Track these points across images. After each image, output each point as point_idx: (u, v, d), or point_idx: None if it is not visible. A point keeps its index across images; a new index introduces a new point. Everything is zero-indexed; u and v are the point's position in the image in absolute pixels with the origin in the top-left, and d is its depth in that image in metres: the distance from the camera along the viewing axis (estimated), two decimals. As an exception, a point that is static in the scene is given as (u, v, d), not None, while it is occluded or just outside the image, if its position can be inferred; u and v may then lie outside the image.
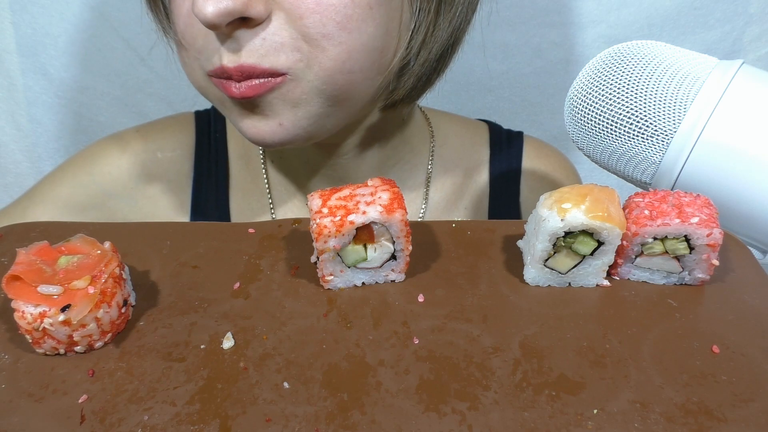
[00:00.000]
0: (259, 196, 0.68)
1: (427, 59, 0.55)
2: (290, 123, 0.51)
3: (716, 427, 0.33)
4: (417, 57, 0.54)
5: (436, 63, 0.56)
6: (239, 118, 0.52)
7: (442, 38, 0.54)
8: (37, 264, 0.37)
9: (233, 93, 0.49)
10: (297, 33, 0.47)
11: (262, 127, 0.52)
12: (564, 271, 0.41)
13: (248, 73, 0.48)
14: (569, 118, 0.53)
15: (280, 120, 0.51)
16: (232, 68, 0.47)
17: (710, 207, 0.41)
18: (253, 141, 0.53)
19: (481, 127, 0.74)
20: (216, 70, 0.49)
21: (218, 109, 0.56)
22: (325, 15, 0.47)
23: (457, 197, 0.70)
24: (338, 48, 0.48)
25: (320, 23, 0.47)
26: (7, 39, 0.86)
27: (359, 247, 0.40)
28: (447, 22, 0.54)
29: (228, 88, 0.49)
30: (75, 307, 0.35)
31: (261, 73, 0.48)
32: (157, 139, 0.68)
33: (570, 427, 0.33)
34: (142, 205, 0.67)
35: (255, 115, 0.51)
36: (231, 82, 0.49)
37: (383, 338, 0.38)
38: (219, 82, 0.50)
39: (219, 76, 0.49)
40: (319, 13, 0.46)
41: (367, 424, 0.33)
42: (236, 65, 0.47)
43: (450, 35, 0.55)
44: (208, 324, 0.39)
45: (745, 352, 0.38)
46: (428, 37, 0.54)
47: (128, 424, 0.33)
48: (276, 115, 0.51)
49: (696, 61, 0.49)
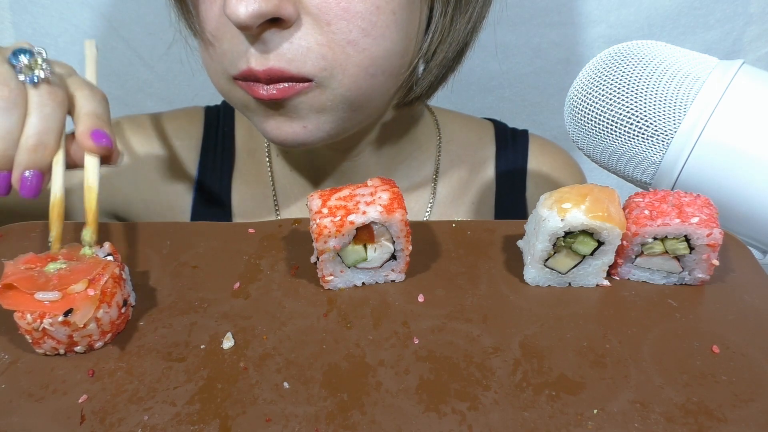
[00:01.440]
0: (263, 187, 0.69)
1: (444, 58, 0.55)
2: (314, 126, 0.52)
3: (716, 427, 0.33)
4: (434, 57, 0.55)
5: (452, 61, 0.57)
6: (263, 119, 0.53)
7: (458, 38, 0.55)
8: (28, 272, 0.36)
9: (261, 95, 0.49)
10: (323, 38, 0.47)
11: (286, 129, 0.52)
12: (564, 271, 0.41)
13: (276, 76, 0.48)
14: (569, 118, 0.53)
15: (305, 123, 0.52)
16: (261, 71, 0.48)
17: (710, 207, 0.41)
18: (275, 141, 0.54)
19: (487, 124, 0.75)
20: (243, 72, 0.49)
21: (240, 111, 0.56)
22: (352, 22, 0.47)
23: (464, 192, 0.71)
24: (362, 54, 0.49)
25: (346, 29, 0.47)
26: (7, 39, 0.86)
27: (359, 247, 0.40)
28: (464, 22, 0.54)
29: (255, 91, 0.49)
30: (78, 310, 0.35)
31: (288, 77, 0.48)
32: (169, 127, 0.69)
33: (570, 427, 0.33)
34: (144, 188, 0.68)
35: (280, 116, 0.52)
36: (258, 84, 0.49)
37: (383, 338, 0.38)
38: (245, 85, 0.50)
39: (246, 78, 0.49)
40: (346, 20, 0.47)
41: (367, 424, 0.33)
42: (265, 68, 0.48)
43: (466, 34, 0.56)
44: (208, 324, 0.39)
45: (745, 352, 0.38)
46: (445, 38, 0.54)
47: (128, 424, 0.33)
48: (301, 118, 0.52)
49: (696, 61, 0.49)
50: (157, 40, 0.86)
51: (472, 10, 0.54)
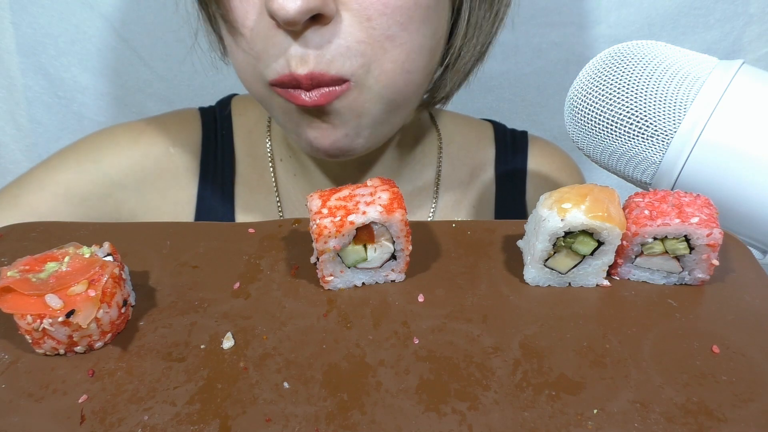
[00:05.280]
0: (267, 193, 0.68)
1: (470, 58, 0.55)
2: (354, 132, 0.52)
3: (716, 427, 0.33)
4: (461, 56, 0.55)
5: (476, 61, 0.57)
6: (306, 128, 0.52)
7: (482, 36, 0.55)
8: (24, 275, 0.36)
9: (305, 102, 0.48)
10: (363, 35, 0.47)
11: (329, 136, 0.52)
12: (564, 271, 0.41)
13: (317, 80, 0.47)
14: (569, 118, 0.53)
15: (346, 130, 0.51)
16: (303, 75, 0.47)
17: (710, 207, 0.41)
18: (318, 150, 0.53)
19: (486, 126, 0.74)
20: (283, 77, 0.48)
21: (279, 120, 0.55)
22: (392, 16, 0.46)
23: (464, 195, 0.71)
24: (398, 49, 0.48)
25: (386, 25, 0.47)
26: (7, 39, 0.86)
27: (359, 248, 0.40)
28: (489, 21, 0.54)
29: (297, 98, 0.48)
30: (80, 312, 0.35)
31: (329, 80, 0.47)
32: (168, 133, 0.68)
33: (570, 427, 0.33)
34: (150, 198, 0.66)
35: (323, 123, 0.51)
36: (299, 91, 0.48)
37: (383, 338, 0.38)
38: (285, 92, 0.49)
39: (285, 84, 0.48)
40: (387, 15, 0.46)
41: (367, 424, 0.33)
42: (307, 72, 0.47)
43: (489, 33, 0.55)
44: (208, 324, 0.39)
45: (745, 352, 0.38)
46: (471, 37, 0.54)
47: (128, 424, 0.33)
48: (343, 124, 0.51)
49: (696, 61, 0.49)
50: (157, 40, 0.86)
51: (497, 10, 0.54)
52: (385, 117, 0.52)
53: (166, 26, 0.83)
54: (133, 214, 0.66)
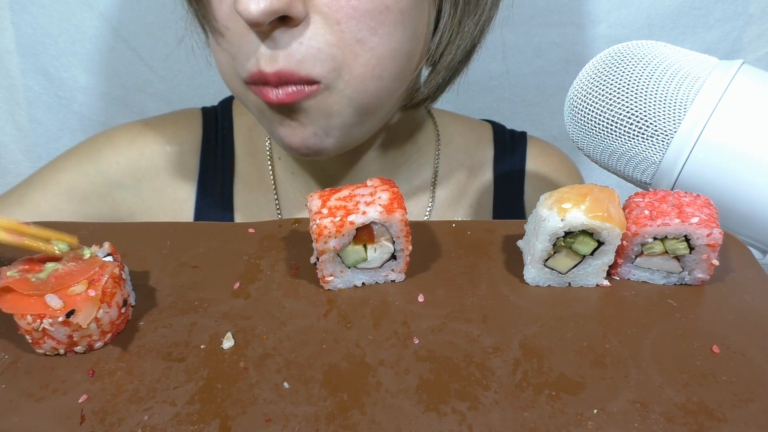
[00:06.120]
0: (265, 191, 0.69)
1: (452, 60, 0.55)
2: (323, 132, 0.52)
3: (716, 427, 0.33)
4: (441, 59, 0.55)
5: (459, 64, 0.57)
6: (277, 126, 0.53)
7: (466, 40, 0.55)
8: (23, 275, 0.36)
9: (271, 99, 0.49)
10: (333, 38, 0.47)
11: (298, 134, 0.52)
12: (564, 271, 0.41)
13: (285, 79, 0.48)
14: (569, 118, 0.53)
15: (315, 129, 0.52)
16: (271, 73, 0.48)
17: (710, 207, 0.41)
18: (289, 148, 0.54)
19: (485, 126, 0.74)
20: (253, 75, 0.49)
21: (256, 118, 0.56)
22: (362, 21, 0.47)
23: (462, 195, 0.71)
24: (369, 53, 0.48)
25: (356, 28, 0.47)
26: (7, 39, 0.86)
27: (359, 248, 0.40)
28: (472, 23, 0.54)
29: (266, 95, 0.49)
30: (80, 312, 0.35)
31: (298, 80, 0.48)
32: (166, 132, 0.68)
33: (570, 427, 0.33)
34: (147, 197, 0.67)
35: (292, 122, 0.52)
36: (268, 88, 0.49)
37: (383, 338, 0.38)
38: (257, 89, 0.50)
39: (256, 82, 0.49)
40: (356, 19, 0.47)
41: (367, 424, 0.33)
42: (275, 70, 0.48)
43: (474, 36, 0.55)
44: (208, 324, 0.39)
45: (745, 352, 0.38)
46: (453, 40, 0.54)
47: (128, 424, 0.33)
48: (311, 123, 0.52)
49: (696, 61, 0.49)
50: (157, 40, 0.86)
51: (481, 12, 0.54)
52: (356, 120, 0.53)
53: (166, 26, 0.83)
54: (132, 212, 0.67)
